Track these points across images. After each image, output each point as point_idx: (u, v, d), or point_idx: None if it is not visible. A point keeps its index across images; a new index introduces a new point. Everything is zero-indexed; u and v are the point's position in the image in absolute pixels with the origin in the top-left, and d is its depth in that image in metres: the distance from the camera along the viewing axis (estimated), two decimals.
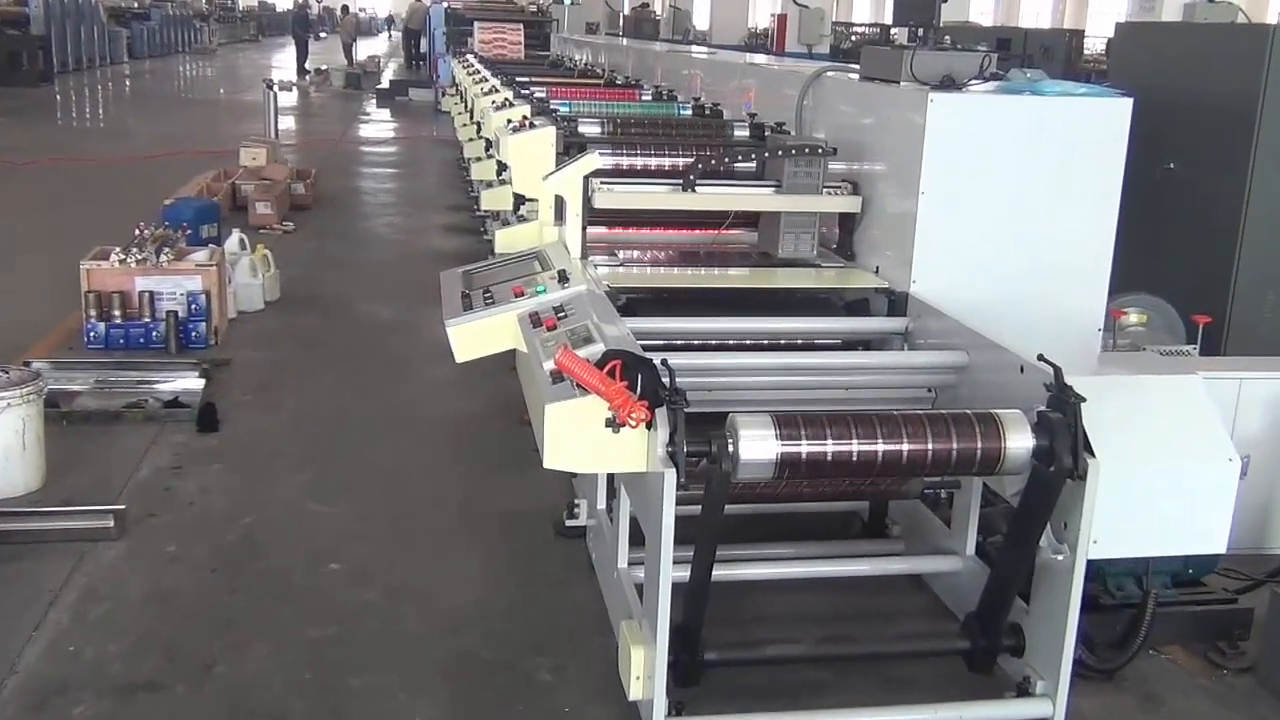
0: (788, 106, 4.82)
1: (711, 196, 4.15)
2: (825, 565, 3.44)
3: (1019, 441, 2.67)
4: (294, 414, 5.28)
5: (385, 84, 23.38)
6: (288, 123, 16.81)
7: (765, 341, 3.61)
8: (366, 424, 5.17)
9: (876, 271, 3.94)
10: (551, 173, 4.12)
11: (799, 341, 3.65)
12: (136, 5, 31.32)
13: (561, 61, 11.95)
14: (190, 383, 5.43)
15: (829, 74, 4.67)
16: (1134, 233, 4.46)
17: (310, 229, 9.42)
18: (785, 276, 4.03)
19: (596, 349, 2.85)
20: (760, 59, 8.19)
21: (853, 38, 26.35)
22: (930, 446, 2.68)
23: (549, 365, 2.79)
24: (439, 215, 10.27)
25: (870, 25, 30.60)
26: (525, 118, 4.96)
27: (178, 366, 5.63)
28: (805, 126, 4.73)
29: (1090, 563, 2.71)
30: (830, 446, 2.65)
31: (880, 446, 2.67)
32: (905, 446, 2.68)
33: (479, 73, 9.26)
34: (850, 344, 3.74)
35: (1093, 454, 2.66)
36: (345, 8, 30.76)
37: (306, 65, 27.42)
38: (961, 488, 3.36)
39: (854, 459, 2.66)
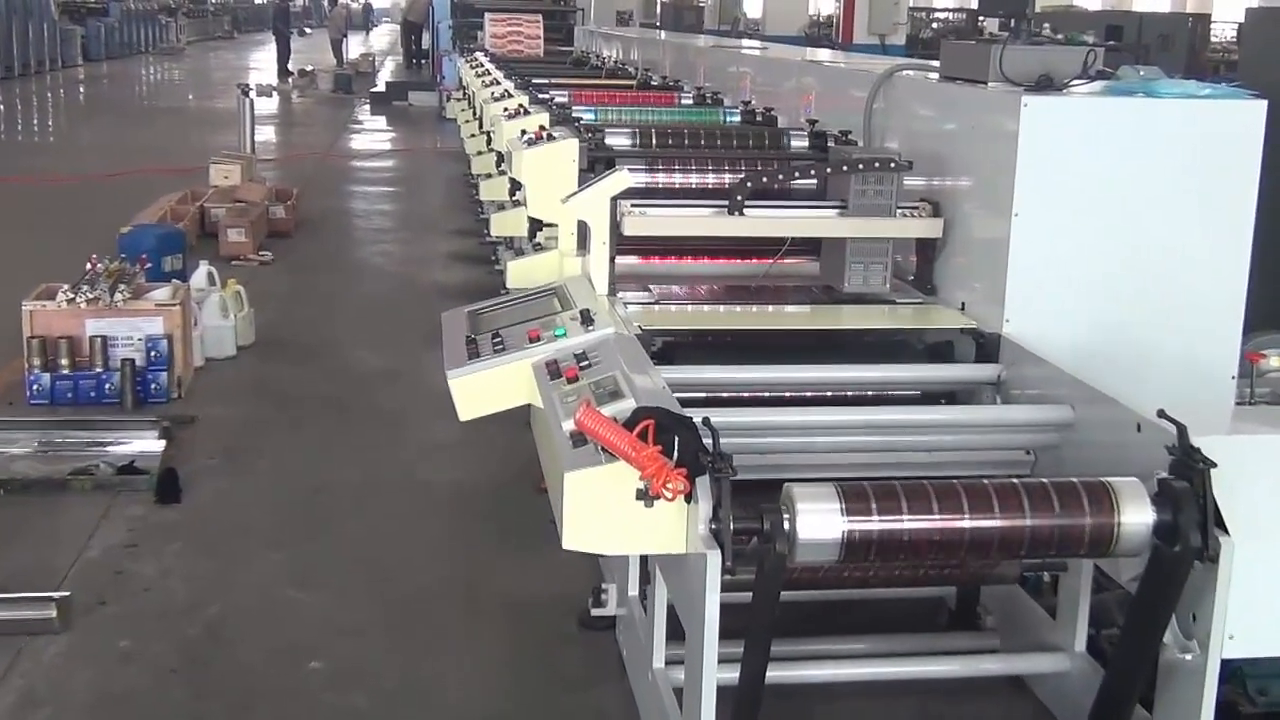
0: (855, 111, 4.86)
1: (764, 220, 4.20)
2: (904, 665, 3.41)
3: (1136, 516, 2.66)
4: (270, 481, 5.31)
5: (381, 87, 23.84)
6: (266, 134, 17.09)
7: (828, 394, 3.63)
8: (355, 493, 5.20)
9: (962, 308, 3.97)
10: (573, 193, 4.17)
11: (869, 394, 3.69)
12: (93, 0, 32.09)
13: (587, 59, 12.11)
14: (149, 444, 5.47)
15: (903, 73, 4.71)
16: (1272, 260, 4.44)
17: (291, 260, 9.53)
18: (852, 315, 4.07)
19: (626, 405, 2.87)
20: (823, 54, 8.25)
21: (933, 26, 26.47)
22: (1029, 522, 2.66)
23: (569, 425, 2.81)
24: (442, 242, 10.39)
25: (954, 11, 30.73)
26: (543, 128, 5.05)
27: (134, 425, 5.67)
28: (876, 135, 4.77)
29: (1225, 662, 2.69)
30: (907, 523, 2.63)
31: (968, 522, 2.65)
32: (998, 522, 2.66)
33: (489, 74, 9.39)
34: (931, 396, 3.76)
35: (1226, 531, 2.64)
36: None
37: (289, 66, 27.95)
38: (1068, 571, 3.34)
39: (936, 538, 2.64)
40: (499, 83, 8.23)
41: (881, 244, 4.15)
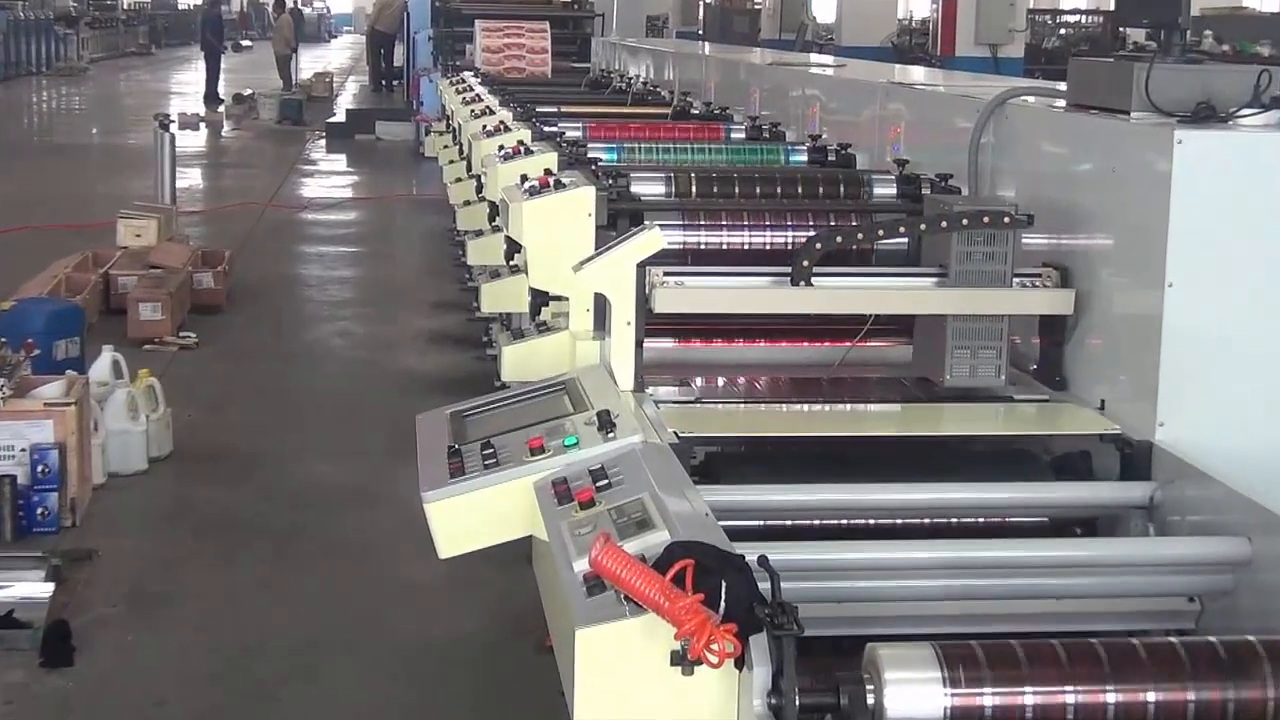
0: (958, 149, 4.88)
1: (838, 292, 4.20)
2: None
3: None
4: (190, 638, 5.31)
5: (340, 116, 24.19)
6: (191, 178, 17.32)
7: (924, 522, 3.63)
8: (301, 655, 5.18)
9: (1101, 408, 3.96)
10: (589, 258, 4.18)
11: (978, 522, 3.66)
12: None
13: (607, 80, 12.11)
14: (32, 588, 5.47)
15: (1020, 99, 4.72)
16: None
17: (223, 343, 9.59)
18: (956, 417, 4.07)
19: (657, 539, 2.87)
20: (916, 73, 8.30)
21: (1061, 33, 26.61)
22: (1192, 695, 2.62)
23: (582, 565, 2.81)
24: (419, 317, 10.45)
25: (1088, 13, 30.87)
26: (549, 172, 5.01)
27: (14, 563, 5.67)
28: (985, 181, 4.80)
29: None
30: (1030, 696, 2.59)
31: (1112, 696, 2.61)
32: (1152, 696, 2.62)
33: (480, 99, 9.37)
34: (1061, 525, 3.74)
35: None
36: (280, 2, 31.81)
37: (221, 90, 28.35)
38: None
39: (1070, 715, 2.61)
40: (492, 111, 8.18)
41: (993, 323, 4.16)
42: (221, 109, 26.78)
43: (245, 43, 48.01)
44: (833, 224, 4.75)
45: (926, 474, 3.71)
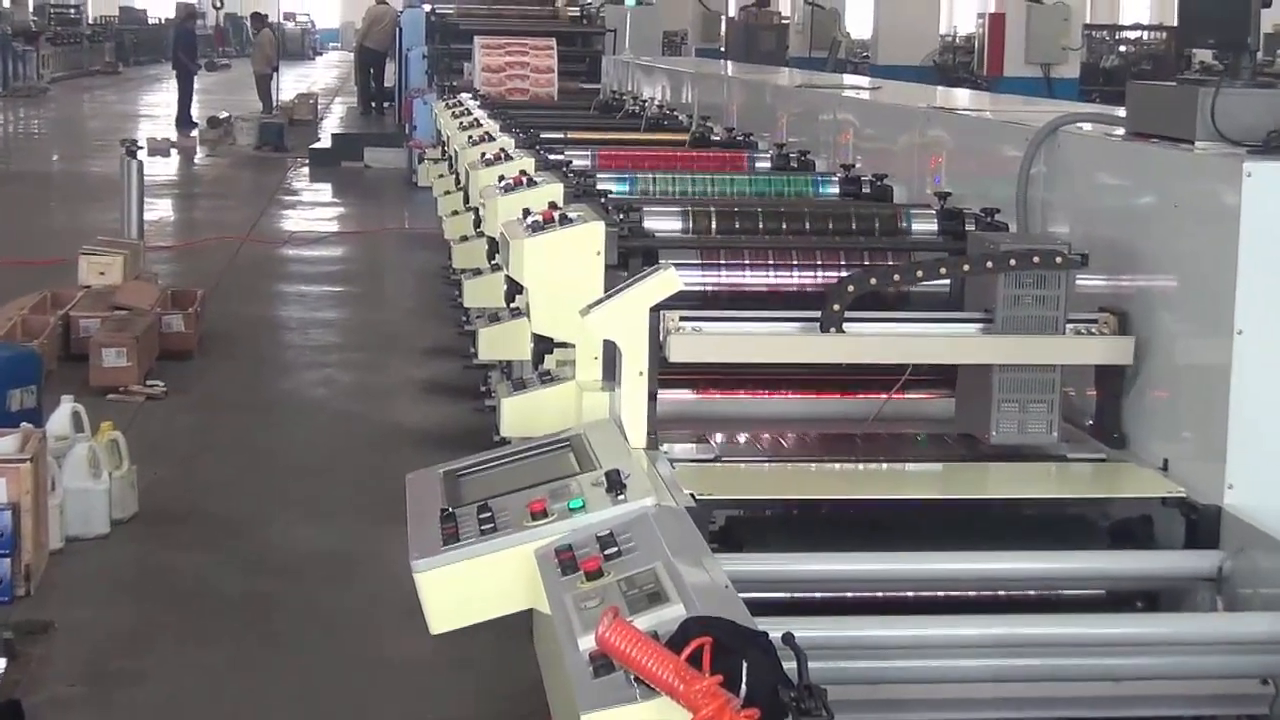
0: (1005, 180, 4.90)
1: (872, 340, 4.20)
2: None
3: None
4: None
5: (325, 141, 24.24)
6: (161, 210, 17.32)
7: (969, 595, 3.63)
8: None
9: (1164, 468, 3.95)
10: (598, 301, 4.18)
11: (1029, 595, 3.68)
12: None
13: (619, 102, 12.16)
14: None
15: (1074, 126, 4.73)
16: None
17: (194, 392, 9.55)
18: (1003, 478, 4.07)
19: (672, 614, 2.86)
20: (960, 96, 8.32)
21: (1120, 50, 26.65)
22: None
23: (589, 642, 2.81)
24: (410, 365, 10.41)
25: (1151, 28, 30.91)
26: (554, 205, 5.00)
27: None
28: (1035, 216, 4.80)
29: None
30: None
31: None
32: None
33: (478, 124, 9.38)
34: (1120, 599, 3.73)
35: None
36: (260, 16, 31.91)
37: (194, 113, 28.45)
38: None
39: None
40: (491, 137, 8.13)
41: (1044, 374, 4.14)
42: (195, 134, 26.88)
43: (221, 61, 48.19)
44: (867, 264, 4.75)
45: (971, 542, 3.70)
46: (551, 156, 7.06)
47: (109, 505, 6.93)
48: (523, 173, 6.25)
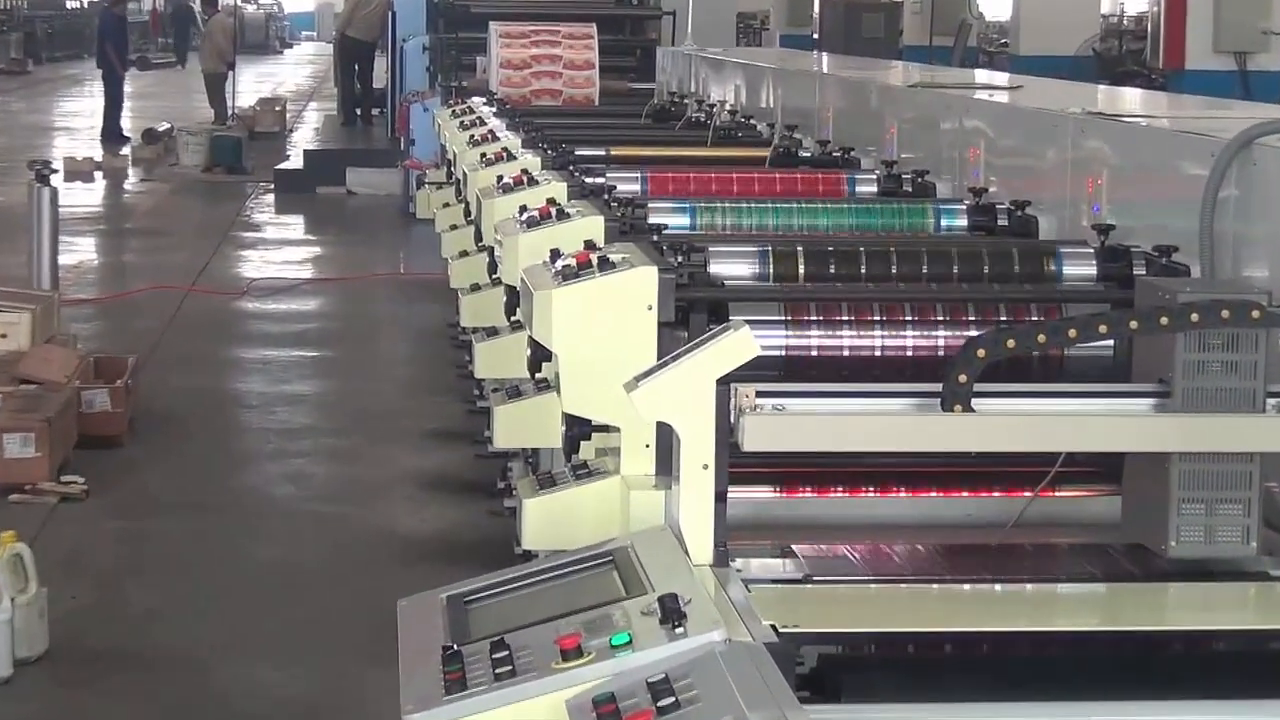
0: (1184, 209, 4.70)
1: (1009, 421, 3.90)
2: None
3: None
4: None
5: (296, 160, 23.29)
6: (82, 251, 16.70)
7: None
8: None
9: None
10: (648, 371, 3.81)
11: None
12: None
13: (679, 108, 11.51)
14: None
15: (1275, 138, 4.49)
16: None
17: (122, 491, 9.08)
18: (1185, 604, 3.92)
19: None
20: (1126, 97, 8.40)
21: None
22: None
23: None
24: (406, 453, 9.99)
25: None
26: (590, 244, 4.70)
27: None
28: (1223, 256, 4.59)
29: None
30: None
31: None
32: None
33: (493, 137, 9.09)
34: None
35: None
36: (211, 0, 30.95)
37: (125, 124, 27.18)
38: None
39: None
40: (511, 155, 7.81)
41: (1239, 464, 3.85)
42: (126, 151, 25.50)
43: (160, 56, 46.32)
44: (1003, 320, 4.64)
45: (1144, 689, 3.46)
46: (590, 180, 6.70)
47: (10, 640, 6.51)
48: (551, 202, 5.85)
